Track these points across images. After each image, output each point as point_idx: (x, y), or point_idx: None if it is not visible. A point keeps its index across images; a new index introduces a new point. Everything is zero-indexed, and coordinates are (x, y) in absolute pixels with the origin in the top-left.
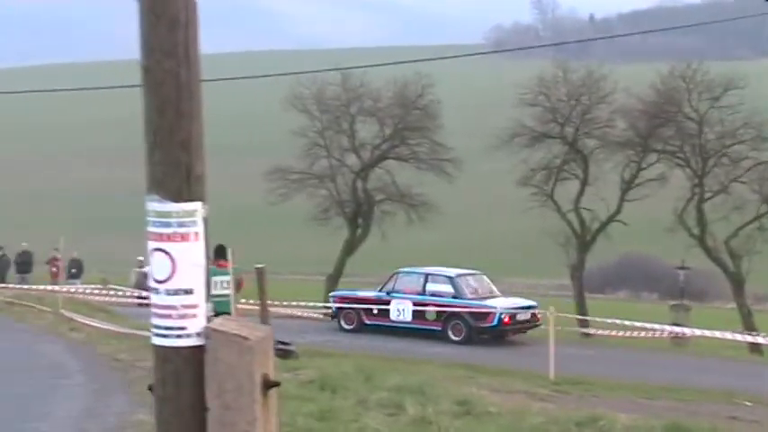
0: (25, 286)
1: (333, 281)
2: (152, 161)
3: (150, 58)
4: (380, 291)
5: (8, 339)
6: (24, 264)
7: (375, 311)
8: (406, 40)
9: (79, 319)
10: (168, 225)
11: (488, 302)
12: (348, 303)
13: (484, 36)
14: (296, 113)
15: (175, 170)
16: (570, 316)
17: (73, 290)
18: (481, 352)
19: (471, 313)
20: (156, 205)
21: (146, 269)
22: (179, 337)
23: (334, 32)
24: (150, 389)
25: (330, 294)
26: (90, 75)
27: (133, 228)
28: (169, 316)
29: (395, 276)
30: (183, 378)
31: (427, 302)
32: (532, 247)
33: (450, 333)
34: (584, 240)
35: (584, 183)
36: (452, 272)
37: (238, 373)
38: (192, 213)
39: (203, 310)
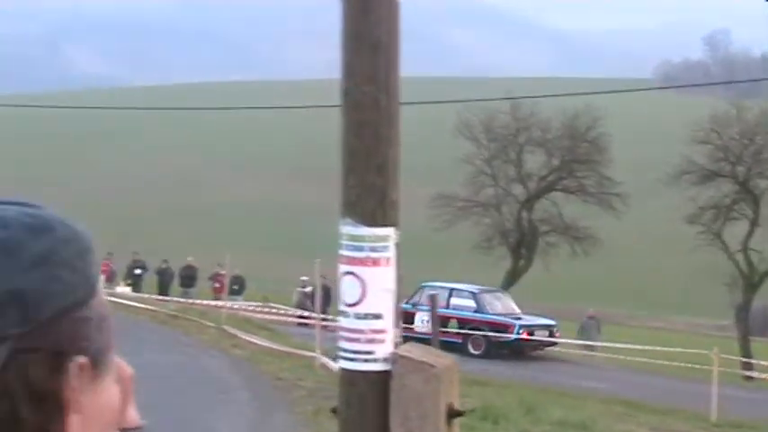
0: (189, 300)
1: None
2: (347, 184)
3: (350, 82)
4: (406, 303)
5: (174, 353)
6: (188, 278)
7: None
8: (573, 70)
9: (242, 336)
10: (361, 249)
11: (508, 318)
12: None
13: (652, 71)
14: (463, 141)
15: (370, 194)
16: (734, 358)
17: (236, 306)
18: (638, 389)
19: (491, 327)
20: (349, 229)
21: (308, 289)
22: (366, 361)
23: (503, 61)
24: (334, 411)
25: None
26: (263, 93)
27: (297, 247)
28: (357, 340)
29: (421, 290)
30: (368, 402)
31: (450, 315)
32: (694, 286)
33: (469, 346)
34: (752, 281)
35: (755, 223)
36: (476, 288)
37: (424, 401)
38: (384, 238)
39: (391, 335)
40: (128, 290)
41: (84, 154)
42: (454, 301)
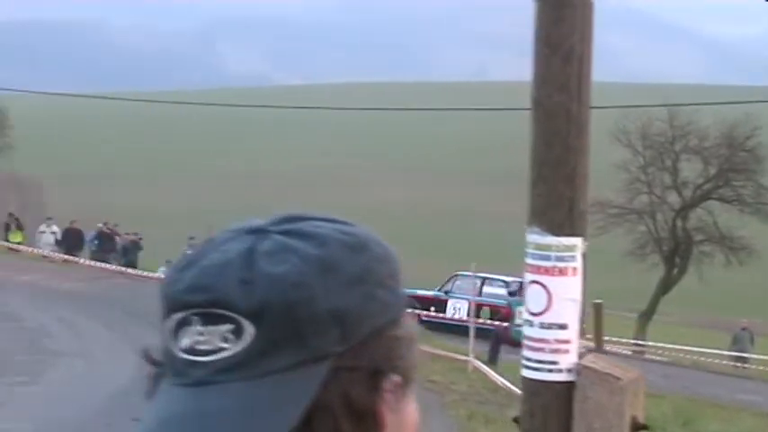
0: None
1: (645, 318)
2: (535, 193)
3: (541, 91)
4: (439, 291)
5: None
6: None
7: (432, 309)
8: (729, 78)
9: None
10: (547, 258)
11: None
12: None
13: None
14: (619, 147)
15: (558, 204)
16: None
17: None
18: None
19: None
20: (536, 237)
21: None
22: (550, 371)
23: (659, 67)
24: (516, 420)
25: None
26: (413, 95)
27: (443, 250)
28: (542, 349)
29: (453, 278)
30: (552, 412)
31: (483, 303)
32: None
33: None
34: None
35: None
36: (508, 278)
37: (607, 413)
38: (571, 248)
39: (576, 346)
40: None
41: (235, 152)
42: (487, 289)
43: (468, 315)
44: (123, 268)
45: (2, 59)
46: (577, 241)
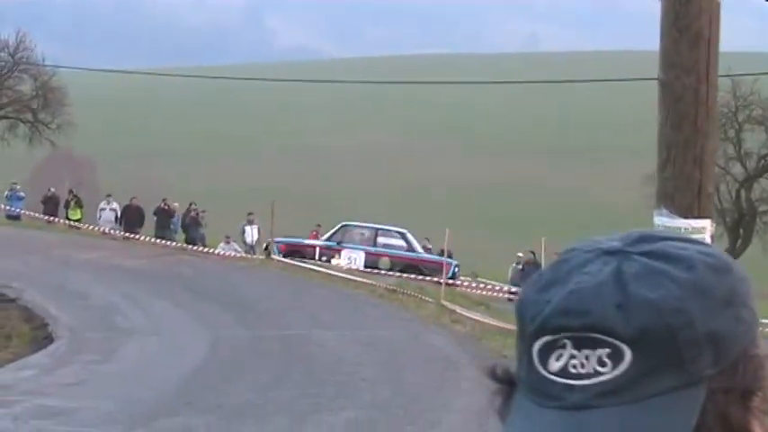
0: (396, 274)
1: None
2: (663, 175)
3: (669, 73)
4: (329, 240)
5: (396, 328)
6: None
7: (323, 259)
8: None
9: (460, 312)
10: None
11: (443, 258)
12: (294, 251)
13: None
14: None
15: (687, 186)
16: None
17: (449, 281)
18: None
19: (427, 265)
20: (664, 220)
21: (521, 266)
22: None
23: (723, 36)
24: None
25: (275, 240)
26: (462, 67)
27: (499, 225)
28: None
29: (342, 229)
30: None
31: (381, 253)
32: None
33: None
34: None
35: None
36: (401, 229)
37: None
38: (700, 230)
39: None
40: (342, 263)
41: (290, 127)
42: (382, 240)
43: (367, 266)
44: (184, 245)
45: (54, 37)
46: (706, 223)
